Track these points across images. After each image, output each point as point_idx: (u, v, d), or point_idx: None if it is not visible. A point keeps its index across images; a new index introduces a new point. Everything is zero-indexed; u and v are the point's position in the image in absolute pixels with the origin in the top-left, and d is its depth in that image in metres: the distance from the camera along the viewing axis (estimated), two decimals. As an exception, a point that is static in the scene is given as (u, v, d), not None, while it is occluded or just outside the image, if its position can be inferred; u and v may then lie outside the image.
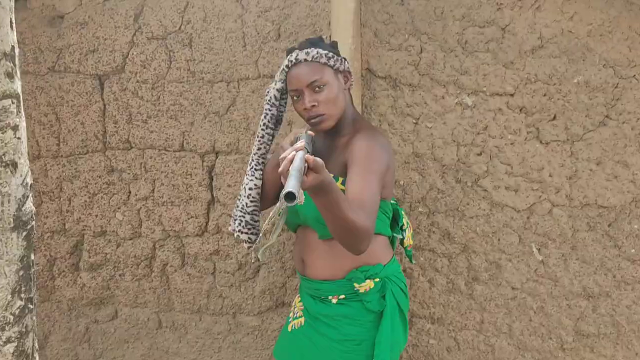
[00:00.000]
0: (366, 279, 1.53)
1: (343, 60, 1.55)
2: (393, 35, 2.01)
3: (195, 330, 2.26)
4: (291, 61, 1.49)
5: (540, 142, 1.95)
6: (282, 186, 1.60)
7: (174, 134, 2.10)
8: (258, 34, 2.04)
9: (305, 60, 1.48)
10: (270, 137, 1.60)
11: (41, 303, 2.30)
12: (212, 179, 2.13)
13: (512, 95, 1.95)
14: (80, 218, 2.19)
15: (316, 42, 1.54)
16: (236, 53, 2.04)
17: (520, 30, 1.89)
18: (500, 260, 2.04)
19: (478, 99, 1.97)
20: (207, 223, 2.15)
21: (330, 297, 1.55)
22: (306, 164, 1.11)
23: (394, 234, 1.68)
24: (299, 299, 1.68)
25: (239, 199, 1.61)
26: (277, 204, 1.39)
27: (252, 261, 1.59)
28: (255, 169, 1.60)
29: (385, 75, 2.03)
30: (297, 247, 1.67)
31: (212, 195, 2.14)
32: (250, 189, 1.59)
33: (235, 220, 1.63)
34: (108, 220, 2.18)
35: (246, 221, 1.61)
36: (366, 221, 1.27)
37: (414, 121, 2.03)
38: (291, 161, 1.10)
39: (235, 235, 1.62)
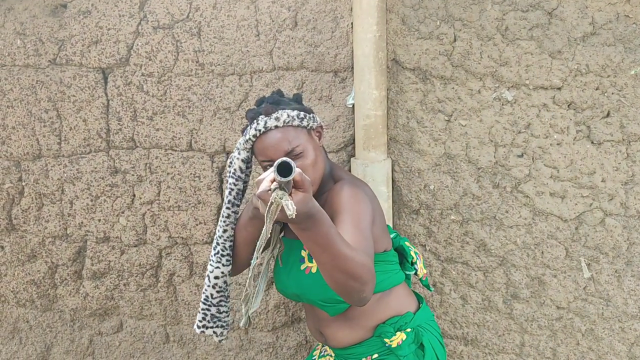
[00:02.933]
0: (396, 331, 1.47)
1: (313, 116, 1.49)
2: (423, 21, 1.92)
3: (205, 345, 2.22)
4: (259, 130, 1.41)
5: (592, 142, 1.84)
6: (256, 238, 1.54)
7: (181, 132, 2.06)
8: (273, 21, 1.98)
9: (276, 126, 1.40)
10: (236, 216, 1.52)
11: (43, 312, 2.29)
12: (223, 182, 2.09)
13: (559, 88, 1.84)
14: (82, 223, 2.17)
15: (279, 101, 1.47)
16: (249, 43, 1.99)
17: (569, 14, 1.79)
18: (544, 275, 1.95)
19: (519, 93, 1.87)
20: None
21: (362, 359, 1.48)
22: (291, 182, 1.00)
23: (407, 272, 1.58)
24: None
25: (204, 289, 1.55)
26: (253, 261, 1.28)
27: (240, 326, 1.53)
28: (222, 255, 1.51)
29: (414, 66, 1.95)
30: (310, 320, 1.63)
31: (223, 199, 2.08)
32: (216, 277, 1.52)
33: (199, 313, 1.57)
34: (111, 226, 2.17)
35: (212, 314, 1.55)
36: (366, 258, 1.17)
37: (446, 118, 1.95)
38: (272, 181, 1.00)
39: (199, 331, 1.57)
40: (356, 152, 1.98)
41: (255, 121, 1.42)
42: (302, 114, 1.43)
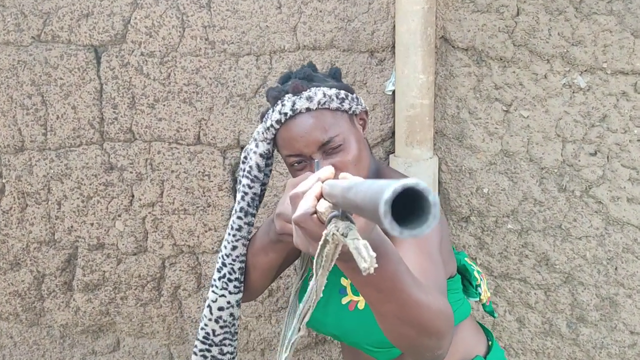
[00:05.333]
0: None
1: (357, 97, 1.24)
2: None
3: (214, 370, 2.02)
4: (284, 114, 1.15)
5: (685, 139, 1.68)
6: (279, 266, 1.29)
7: (187, 123, 1.92)
8: None
9: (309, 109, 1.15)
10: (250, 228, 1.27)
11: (29, 328, 2.19)
12: (236, 181, 1.89)
13: None
14: (72, 227, 2.05)
15: (312, 77, 1.22)
16: (268, 17, 1.83)
17: (662, -17, 1.62)
18: (617, 295, 1.81)
19: (594, 78, 1.71)
20: (229, 237, 1.88)
21: None
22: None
23: (470, 298, 1.34)
24: None
25: (202, 324, 1.31)
26: (292, 334, 0.98)
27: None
28: (229, 279, 1.27)
29: (468, 46, 1.78)
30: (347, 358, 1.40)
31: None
32: (220, 308, 1.28)
33: (194, 354, 1.32)
34: (106, 231, 2.03)
35: (212, 357, 1.30)
36: (443, 302, 0.91)
37: (505, 108, 1.79)
38: (317, 198, 0.69)
39: None
40: (396, 148, 1.81)
41: (279, 102, 1.17)
42: (342, 93, 1.18)
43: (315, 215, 0.68)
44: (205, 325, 1.29)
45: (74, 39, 1.92)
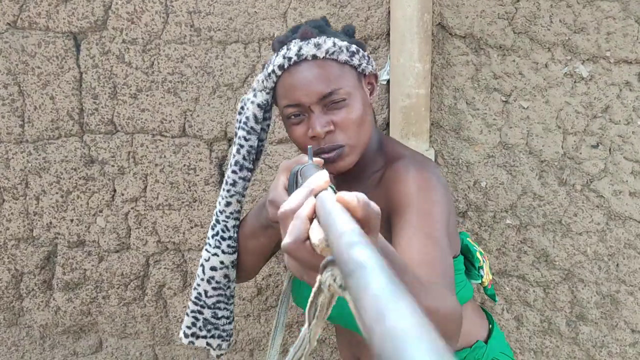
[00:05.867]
0: None
1: (369, 56, 1.17)
2: None
3: (201, 370, 1.97)
4: (289, 58, 1.08)
5: (691, 131, 1.63)
6: (271, 251, 1.23)
7: (172, 114, 1.85)
8: None
9: (315, 57, 1.07)
10: (246, 185, 1.20)
11: (7, 328, 2.11)
12: (224, 174, 1.89)
13: None
14: (51, 223, 1.96)
15: (323, 28, 1.14)
16: (257, 2, 1.76)
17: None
18: (618, 293, 1.77)
19: (597, 67, 1.66)
20: (216, 234, 1.82)
21: None
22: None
23: (472, 281, 1.28)
24: None
25: (195, 284, 1.24)
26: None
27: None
28: (222, 237, 1.20)
29: (465, 33, 1.71)
30: (344, 346, 1.34)
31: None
32: (212, 268, 1.21)
33: (186, 316, 1.25)
34: (87, 227, 1.95)
35: (205, 319, 1.23)
36: (452, 301, 0.84)
37: (504, 99, 1.73)
38: (310, 219, 0.59)
39: (186, 341, 1.26)
40: (391, 140, 1.68)
41: (285, 47, 1.10)
42: (353, 47, 1.11)
43: (308, 241, 0.58)
44: (198, 285, 1.23)
45: (52, 26, 1.85)
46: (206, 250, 1.22)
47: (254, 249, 1.22)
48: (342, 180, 1.21)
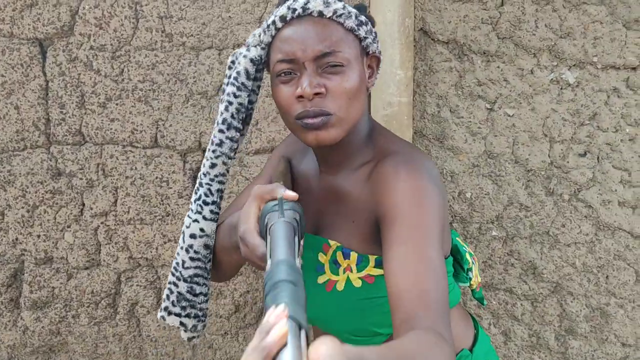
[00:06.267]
0: None
1: (376, 33, 1.12)
2: None
3: (177, 391, 1.96)
4: (293, 10, 1.03)
5: (680, 139, 1.64)
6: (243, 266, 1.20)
7: (143, 124, 1.82)
8: None
9: (321, 14, 1.02)
10: (234, 146, 1.14)
11: None
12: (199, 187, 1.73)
13: (634, 69, 1.63)
14: (17, 239, 1.92)
15: None
16: (231, 7, 1.74)
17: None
18: (608, 306, 1.74)
19: (584, 74, 1.65)
20: (191, 249, 1.76)
21: None
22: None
23: (460, 283, 1.22)
24: None
25: (175, 253, 1.18)
26: None
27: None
28: (205, 202, 1.14)
29: (448, 39, 1.69)
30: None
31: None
32: (192, 236, 1.15)
33: (165, 287, 1.19)
34: (54, 243, 1.90)
35: (178, 293, 1.16)
36: (446, 343, 0.78)
37: (488, 106, 1.70)
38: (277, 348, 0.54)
39: (159, 316, 1.20)
40: (372, 150, 1.64)
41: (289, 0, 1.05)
42: (363, 17, 1.06)
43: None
44: (177, 254, 1.17)
45: (16, 32, 1.82)
46: (188, 216, 1.16)
47: (227, 263, 1.17)
48: (327, 167, 1.14)
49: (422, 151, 1.13)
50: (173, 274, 1.17)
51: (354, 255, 1.07)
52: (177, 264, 1.16)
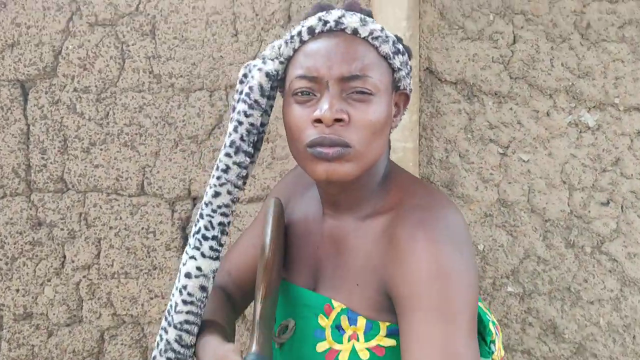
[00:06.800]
0: None
1: (411, 69, 1.01)
2: (470, 15, 1.63)
3: None
4: (324, 22, 0.93)
5: None
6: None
7: (129, 170, 1.77)
8: (257, 15, 1.71)
9: (355, 32, 0.92)
10: (242, 173, 1.02)
11: None
12: (187, 238, 1.78)
13: None
14: None
15: (370, 15, 1.01)
16: (223, 46, 1.70)
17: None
18: None
19: (605, 116, 1.59)
20: (179, 305, 1.69)
21: None
22: None
23: (482, 358, 1.07)
24: None
25: (170, 297, 1.07)
26: None
27: None
28: (204, 237, 1.02)
29: (457, 79, 1.64)
30: None
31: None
32: (187, 275, 1.03)
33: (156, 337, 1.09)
34: (34, 298, 1.84)
35: (166, 341, 1.03)
36: None
37: (501, 151, 1.64)
38: None
39: None
40: (375, 199, 1.56)
41: (322, 12, 0.95)
42: (400, 46, 0.96)
43: None
44: (172, 294, 1.05)
45: None
46: (185, 252, 1.04)
47: (247, 267, 1.13)
48: (333, 210, 1.01)
49: (446, 199, 0.99)
50: (165, 318, 1.05)
51: (361, 321, 0.93)
52: (170, 306, 1.04)
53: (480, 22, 1.59)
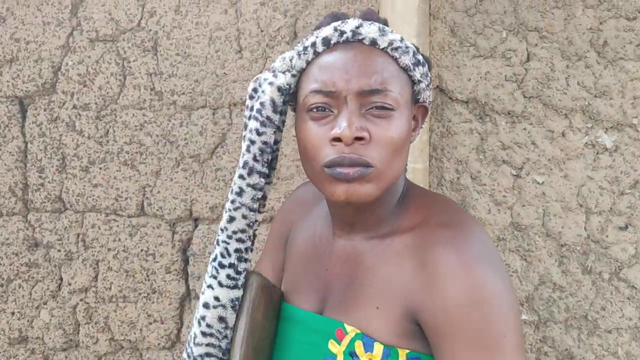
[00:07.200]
0: None
1: (430, 80, 0.96)
2: (482, 32, 1.59)
3: None
4: (341, 32, 0.89)
5: None
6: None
7: (129, 190, 1.75)
8: (262, 32, 1.69)
9: (374, 42, 0.88)
10: (257, 195, 0.97)
11: None
12: (188, 262, 1.75)
13: None
14: None
15: (387, 24, 0.96)
16: (227, 62, 1.68)
17: None
18: None
19: (623, 136, 1.55)
20: (179, 330, 1.77)
21: None
22: None
23: None
24: None
25: (191, 326, 1.04)
26: None
27: None
28: (221, 265, 0.98)
29: (468, 98, 1.61)
30: None
31: (188, 286, 1.76)
32: (205, 305, 0.98)
33: None
34: (29, 322, 1.82)
35: None
36: None
37: (515, 172, 1.60)
38: None
39: None
40: (384, 221, 1.53)
41: (338, 21, 0.90)
42: (420, 57, 0.91)
43: None
44: (192, 325, 1.01)
45: None
46: (204, 279, 1.00)
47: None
48: (347, 231, 0.96)
49: (469, 215, 0.94)
50: (185, 350, 1.01)
51: (378, 347, 0.87)
52: (190, 337, 1.00)
53: (492, 40, 1.56)
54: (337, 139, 0.83)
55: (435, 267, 0.82)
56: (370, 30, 0.87)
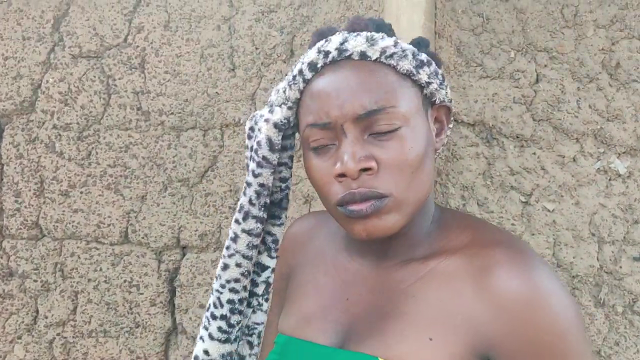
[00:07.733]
0: None
1: (443, 76, 0.87)
2: (489, 52, 1.55)
3: None
4: (325, 53, 0.82)
5: None
6: None
7: (112, 216, 1.70)
8: (257, 49, 1.64)
9: (364, 56, 0.80)
10: (253, 242, 0.92)
11: None
12: (175, 293, 1.67)
13: None
14: None
15: (382, 26, 0.87)
16: (219, 81, 1.63)
17: None
18: None
19: (637, 162, 1.51)
20: (164, 367, 1.73)
21: None
22: None
23: None
24: None
25: None
26: None
27: None
28: (213, 315, 0.94)
29: (475, 120, 1.55)
30: None
31: (174, 320, 1.69)
32: (195, 358, 0.94)
33: None
34: (2, 357, 1.76)
35: None
36: None
37: (523, 199, 1.54)
38: None
39: None
40: (387, 251, 1.47)
41: (322, 40, 0.84)
42: (423, 55, 0.82)
43: None
44: None
45: None
46: (200, 331, 0.96)
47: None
48: (377, 258, 0.87)
49: (516, 237, 0.87)
50: None
51: None
52: None
53: (500, 60, 1.51)
54: (342, 175, 0.76)
55: (506, 293, 0.75)
56: (356, 43, 0.79)
